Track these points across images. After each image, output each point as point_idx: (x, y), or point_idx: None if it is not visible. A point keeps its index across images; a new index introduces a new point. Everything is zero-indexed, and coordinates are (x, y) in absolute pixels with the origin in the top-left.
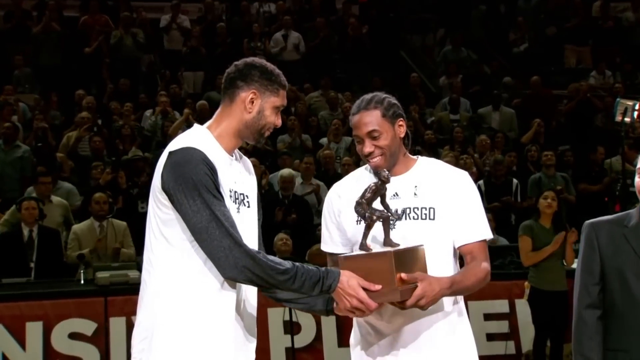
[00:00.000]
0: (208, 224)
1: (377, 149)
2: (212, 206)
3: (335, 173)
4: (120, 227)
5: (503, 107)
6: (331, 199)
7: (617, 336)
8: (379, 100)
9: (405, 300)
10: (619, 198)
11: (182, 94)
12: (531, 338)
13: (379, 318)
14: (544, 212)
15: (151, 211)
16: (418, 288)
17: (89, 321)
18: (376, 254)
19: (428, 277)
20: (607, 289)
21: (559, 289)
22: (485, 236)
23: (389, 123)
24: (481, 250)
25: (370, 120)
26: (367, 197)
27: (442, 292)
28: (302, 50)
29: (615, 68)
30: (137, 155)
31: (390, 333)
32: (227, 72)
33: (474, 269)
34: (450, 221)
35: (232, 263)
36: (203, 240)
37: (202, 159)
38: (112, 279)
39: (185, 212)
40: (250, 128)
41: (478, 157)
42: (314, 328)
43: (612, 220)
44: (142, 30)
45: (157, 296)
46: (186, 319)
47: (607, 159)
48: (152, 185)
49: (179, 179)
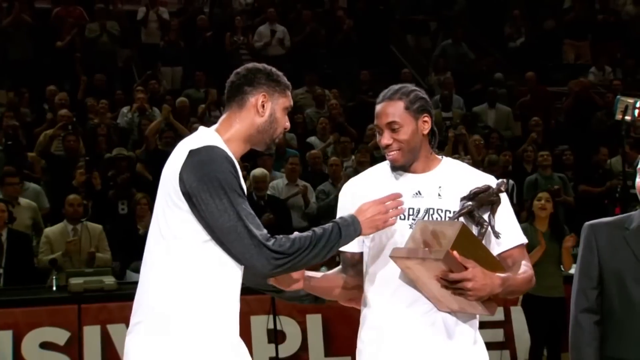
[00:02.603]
0: (236, 223)
1: (396, 142)
2: (238, 205)
3: (322, 173)
4: (95, 231)
5: (499, 104)
6: (344, 197)
7: (615, 343)
8: (405, 92)
9: (449, 272)
10: (619, 200)
11: (162, 91)
12: (527, 347)
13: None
14: (539, 215)
15: (160, 211)
16: (468, 270)
17: (62, 330)
18: (448, 222)
19: (480, 267)
20: (605, 294)
21: (556, 295)
22: (522, 240)
23: (412, 117)
24: (522, 254)
25: (393, 111)
26: (477, 191)
27: (493, 286)
28: (287, 44)
29: (615, 64)
30: (120, 154)
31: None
32: (230, 81)
33: (520, 270)
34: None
35: (264, 260)
36: (232, 240)
37: (225, 157)
38: (86, 286)
39: (211, 212)
40: (263, 133)
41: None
42: (299, 337)
43: (612, 222)
44: (118, 23)
45: (164, 298)
46: (195, 321)
47: (607, 159)
48: (162, 185)
49: (203, 177)
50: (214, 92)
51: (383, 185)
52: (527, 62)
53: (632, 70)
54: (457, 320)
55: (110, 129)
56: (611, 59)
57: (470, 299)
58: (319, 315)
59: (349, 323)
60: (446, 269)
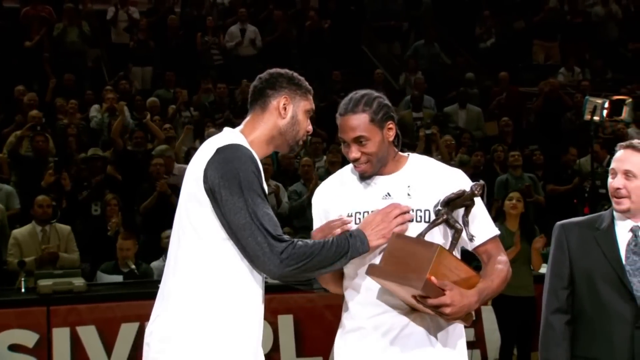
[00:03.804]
0: (252, 222)
1: (364, 156)
2: (256, 205)
3: (294, 174)
4: (63, 232)
5: (469, 105)
6: (317, 200)
7: (585, 343)
8: (368, 102)
9: (426, 297)
10: (589, 199)
11: (133, 91)
12: (497, 346)
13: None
14: (510, 214)
15: (183, 209)
16: (446, 294)
17: (30, 332)
18: (424, 241)
19: (457, 287)
20: (576, 294)
21: (526, 294)
22: (495, 232)
23: (378, 128)
24: (496, 247)
25: (358, 124)
26: (450, 196)
27: (469, 306)
28: (258, 44)
29: (584, 64)
30: (96, 154)
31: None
32: (253, 85)
33: (495, 269)
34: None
35: (277, 261)
36: (246, 237)
37: (250, 157)
38: (55, 287)
39: (229, 209)
40: (285, 134)
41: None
42: (270, 337)
43: (583, 222)
44: (88, 23)
45: (185, 295)
46: (215, 320)
47: (577, 159)
48: (186, 182)
49: (226, 174)
50: (184, 92)
51: (352, 188)
52: (498, 63)
53: (600, 71)
54: (440, 324)
55: (80, 130)
56: (580, 59)
57: (448, 320)
58: (290, 315)
59: (321, 323)
60: (424, 294)
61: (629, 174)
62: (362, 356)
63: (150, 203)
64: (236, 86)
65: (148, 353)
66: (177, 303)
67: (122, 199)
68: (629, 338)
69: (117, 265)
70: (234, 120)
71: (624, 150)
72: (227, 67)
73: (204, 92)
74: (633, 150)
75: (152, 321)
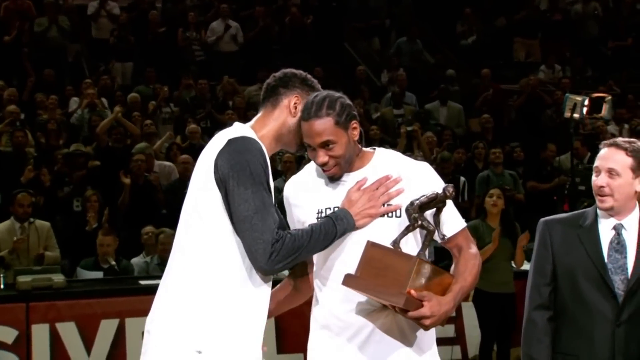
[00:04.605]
0: (252, 215)
1: (332, 159)
2: (258, 199)
3: (276, 170)
4: (43, 228)
5: (450, 102)
6: (287, 195)
7: (567, 340)
8: (330, 105)
9: (406, 310)
10: (568, 197)
11: (115, 86)
12: (478, 342)
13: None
14: (490, 211)
15: (192, 199)
16: (426, 307)
17: (10, 328)
18: (402, 254)
19: (435, 297)
20: (558, 290)
21: (506, 291)
22: (462, 224)
23: (343, 130)
24: (465, 238)
25: (323, 129)
26: (422, 200)
27: (447, 313)
28: (240, 40)
29: (564, 62)
30: (78, 150)
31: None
32: (267, 83)
33: (467, 266)
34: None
35: (267, 257)
36: (244, 229)
37: (260, 150)
38: (34, 284)
39: (234, 199)
40: (294, 132)
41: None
42: None
43: (567, 219)
44: (68, 18)
45: (188, 284)
46: (217, 310)
47: (557, 156)
48: (196, 173)
49: (235, 166)
50: (165, 88)
51: (321, 184)
52: (479, 60)
53: (580, 69)
54: (410, 324)
55: (60, 125)
56: (560, 57)
57: (426, 330)
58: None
59: (301, 320)
60: (404, 308)
61: (612, 172)
62: (335, 356)
63: (124, 199)
64: (217, 82)
65: (148, 340)
66: (180, 292)
67: (104, 196)
68: (609, 335)
69: (97, 261)
70: (216, 116)
71: (608, 149)
72: (209, 63)
73: (184, 88)
74: (617, 148)
75: (153, 309)
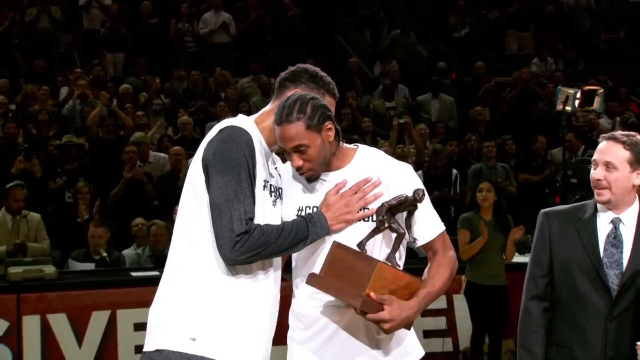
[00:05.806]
0: (224, 202)
1: (306, 163)
2: (232, 188)
3: None
4: (34, 220)
5: (442, 94)
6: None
7: (560, 331)
8: (301, 109)
9: (365, 312)
10: (560, 189)
11: (108, 78)
12: (469, 334)
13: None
14: (482, 205)
15: (190, 185)
16: (385, 310)
17: (0, 320)
18: (365, 256)
19: (396, 301)
20: (554, 282)
21: (497, 283)
22: (439, 229)
23: (316, 132)
24: (441, 243)
25: (295, 134)
26: (391, 203)
27: (409, 318)
28: (232, 32)
29: (557, 55)
30: (70, 141)
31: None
32: (280, 75)
33: (438, 271)
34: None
35: (231, 247)
36: (214, 216)
37: (246, 140)
38: (25, 275)
39: (211, 185)
40: None
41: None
42: None
43: (566, 211)
44: (60, 8)
45: (188, 273)
46: (217, 298)
47: (548, 149)
48: (193, 161)
49: (218, 153)
50: (156, 79)
51: (301, 182)
52: (472, 53)
53: (573, 62)
54: None
55: (51, 116)
56: (553, 50)
57: (387, 333)
58: None
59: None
60: (363, 310)
61: (609, 165)
62: (302, 347)
63: (119, 190)
64: (210, 74)
65: (148, 328)
66: (176, 280)
67: (97, 187)
68: (602, 329)
69: (88, 252)
70: (208, 108)
71: (606, 142)
72: (201, 54)
73: (177, 80)
74: (615, 141)
75: (156, 297)
